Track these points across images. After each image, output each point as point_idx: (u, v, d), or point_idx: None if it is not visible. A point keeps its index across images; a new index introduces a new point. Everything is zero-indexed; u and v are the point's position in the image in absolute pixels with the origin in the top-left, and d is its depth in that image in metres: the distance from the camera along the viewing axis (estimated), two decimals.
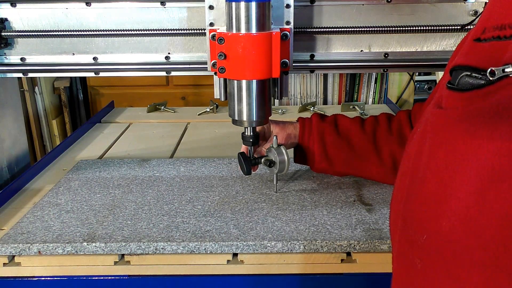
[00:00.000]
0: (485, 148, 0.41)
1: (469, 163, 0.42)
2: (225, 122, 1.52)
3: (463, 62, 0.47)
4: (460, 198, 0.43)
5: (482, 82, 0.44)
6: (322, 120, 1.00)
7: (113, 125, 1.59)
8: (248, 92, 0.87)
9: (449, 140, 0.45)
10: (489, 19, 0.46)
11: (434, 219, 0.45)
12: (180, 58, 1.01)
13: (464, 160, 0.43)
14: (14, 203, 1.03)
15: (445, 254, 0.45)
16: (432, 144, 0.48)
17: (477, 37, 0.47)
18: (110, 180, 1.10)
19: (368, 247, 0.83)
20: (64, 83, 2.40)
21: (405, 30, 0.96)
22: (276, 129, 1.00)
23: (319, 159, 1.00)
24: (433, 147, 0.47)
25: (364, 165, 0.98)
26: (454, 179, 0.44)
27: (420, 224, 0.48)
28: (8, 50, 1.01)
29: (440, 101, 0.49)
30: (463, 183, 0.42)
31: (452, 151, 0.44)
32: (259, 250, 0.83)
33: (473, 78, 0.45)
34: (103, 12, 0.98)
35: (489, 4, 0.49)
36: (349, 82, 1.82)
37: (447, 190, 0.44)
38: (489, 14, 0.47)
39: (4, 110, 1.16)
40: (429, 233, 0.46)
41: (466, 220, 0.42)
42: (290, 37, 0.89)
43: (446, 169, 0.45)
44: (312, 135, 0.99)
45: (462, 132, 0.43)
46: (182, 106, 2.04)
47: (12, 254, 0.84)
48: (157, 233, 0.86)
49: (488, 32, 0.45)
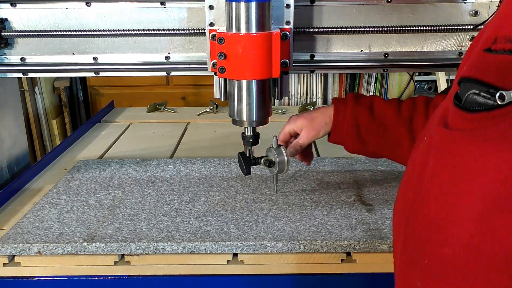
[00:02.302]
0: (491, 175, 0.40)
1: (473, 189, 0.41)
2: (225, 122, 1.52)
3: (471, 75, 0.45)
4: (463, 226, 0.42)
5: (490, 102, 0.42)
6: (357, 102, 0.96)
7: (113, 125, 1.59)
8: (248, 92, 0.87)
9: (453, 164, 0.44)
10: (501, 27, 0.44)
11: (436, 245, 0.45)
12: (180, 58, 1.01)
13: (468, 186, 0.42)
14: (14, 203, 1.03)
15: (447, 279, 0.44)
16: (435, 164, 0.47)
17: (487, 46, 0.44)
18: (110, 180, 1.10)
19: (368, 247, 0.83)
20: (64, 83, 2.40)
21: (405, 30, 0.96)
22: (305, 122, 0.97)
23: (352, 142, 0.96)
24: (437, 168, 0.46)
25: (397, 150, 0.95)
26: (458, 205, 0.43)
27: (422, 247, 0.47)
28: (8, 50, 1.01)
29: (446, 116, 0.47)
30: (467, 210, 0.41)
31: (456, 175, 0.43)
32: (259, 250, 0.83)
33: (481, 97, 0.43)
34: (103, 12, 0.98)
35: (502, 8, 0.46)
36: (349, 82, 1.82)
37: (450, 216, 0.43)
38: (502, 22, 0.45)
39: (4, 110, 1.16)
40: (430, 258, 0.46)
41: (469, 248, 0.41)
42: (290, 37, 0.89)
43: (449, 194, 0.44)
44: (346, 118, 0.95)
45: (467, 157, 0.42)
46: (182, 106, 2.04)
47: (12, 254, 0.84)
48: (157, 233, 0.86)
49: (500, 43, 0.43)
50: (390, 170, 1.13)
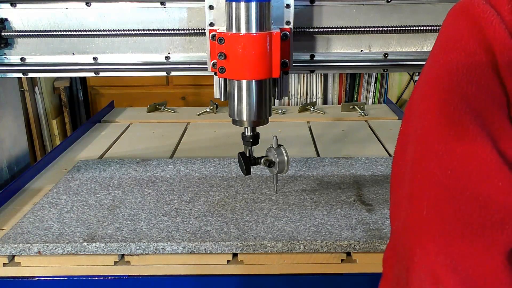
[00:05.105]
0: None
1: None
2: (225, 122, 1.52)
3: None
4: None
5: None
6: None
7: (113, 125, 1.59)
8: (248, 92, 0.87)
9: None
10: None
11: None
12: (180, 58, 1.01)
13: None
14: (14, 203, 1.03)
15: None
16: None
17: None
18: (110, 180, 1.10)
19: (368, 247, 0.83)
20: (64, 83, 2.40)
21: (405, 30, 0.96)
22: None
23: None
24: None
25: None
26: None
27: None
28: (8, 50, 1.01)
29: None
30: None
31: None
32: (259, 250, 0.83)
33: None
34: (103, 12, 0.98)
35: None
36: (349, 82, 1.82)
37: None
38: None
39: (4, 110, 1.16)
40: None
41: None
42: (290, 37, 0.89)
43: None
44: None
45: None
46: (182, 106, 2.04)
47: (12, 254, 0.84)
48: (157, 233, 0.86)
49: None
50: (390, 170, 1.13)
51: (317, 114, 1.66)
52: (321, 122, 1.59)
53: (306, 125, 1.55)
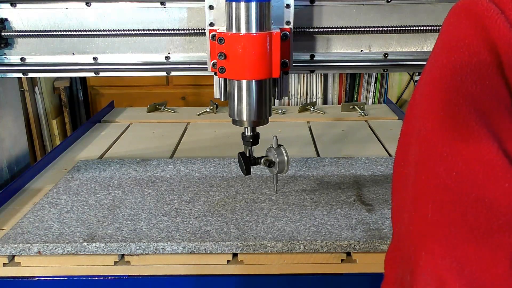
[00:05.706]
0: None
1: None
2: (225, 122, 1.52)
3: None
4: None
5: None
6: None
7: (113, 125, 1.59)
8: (248, 92, 0.87)
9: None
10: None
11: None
12: (180, 58, 1.01)
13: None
14: (14, 203, 1.03)
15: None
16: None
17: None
18: (110, 180, 1.10)
19: (368, 247, 0.83)
20: (64, 83, 2.40)
21: (405, 30, 0.96)
22: None
23: None
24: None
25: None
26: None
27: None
28: (8, 50, 1.01)
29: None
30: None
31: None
32: (259, 250, 0.83)
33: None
34: (103, 12, 0.98)
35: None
36: (349, 82, 1.82)
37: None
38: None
39: (4, 110, 1.16)
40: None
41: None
42: (290, 37, 0.89)
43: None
44: None
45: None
46: (182, 106, 2.04)
47: (12, 254, 0.84)
48: (157, 233, 0.86)
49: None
50: (390, 170, 1.13)
51: (317, 114, 1.66)
52: (321, 122, 1.59)
53: (306, 125, 1.56)
